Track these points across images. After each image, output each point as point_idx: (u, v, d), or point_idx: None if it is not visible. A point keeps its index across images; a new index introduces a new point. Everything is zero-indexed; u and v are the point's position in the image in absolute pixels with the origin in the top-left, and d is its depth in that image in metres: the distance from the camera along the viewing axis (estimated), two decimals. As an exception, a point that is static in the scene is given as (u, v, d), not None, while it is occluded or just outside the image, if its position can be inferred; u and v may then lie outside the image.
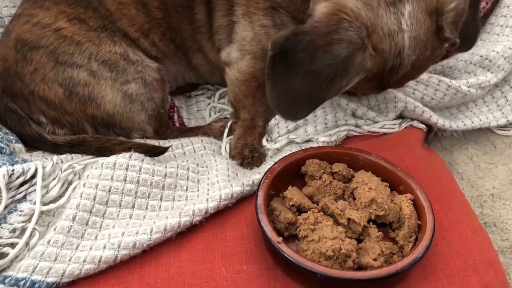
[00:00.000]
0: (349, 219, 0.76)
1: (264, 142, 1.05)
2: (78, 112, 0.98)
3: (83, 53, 0.95)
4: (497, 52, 1.12)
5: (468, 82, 1.11)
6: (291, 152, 0.91)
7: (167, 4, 1.00)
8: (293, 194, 0.82)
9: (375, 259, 0.71)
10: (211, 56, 1.07)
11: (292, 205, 0.80)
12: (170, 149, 0.98)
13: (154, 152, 0.95)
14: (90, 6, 0.98)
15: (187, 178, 0.90)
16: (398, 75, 0.82)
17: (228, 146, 1.05)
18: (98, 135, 1.00)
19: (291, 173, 0.87)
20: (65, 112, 0.98)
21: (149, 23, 1.03)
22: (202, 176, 0.92)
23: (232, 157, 1.01)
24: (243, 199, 0.87)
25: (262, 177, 0.83)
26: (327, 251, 0.69)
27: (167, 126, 1.09)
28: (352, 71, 0.77)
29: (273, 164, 0.86)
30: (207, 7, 0.99)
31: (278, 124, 1.06)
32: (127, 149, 0.91)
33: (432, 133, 1.16)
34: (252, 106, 1.04)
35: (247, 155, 1.00)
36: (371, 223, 0.79)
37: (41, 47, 0.94)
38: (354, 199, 0.82)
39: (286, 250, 0.69)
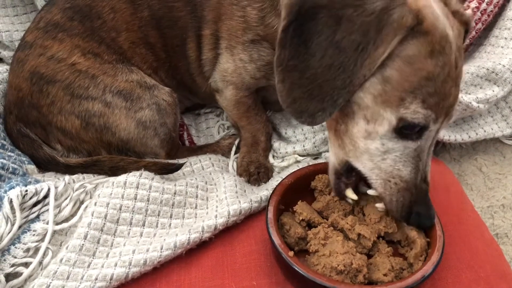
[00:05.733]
0: (359, 234, 0.76)
1: (271, 159, 1.07)
2: (94, 140, 1.00)
3: (98, 86, 0.97)
4: (503, 66, 1.12)
5: (477, 98, 1.11)
6: (300, 168, 0.92)
7: (167, 45, 1.04)
8: (303, 209, 0.82)
9: (385, 274, 0.71)
10: (204, 89, 1.10)
11: (302, 220, 0.81)
12: (177, 167, 1.00)
13: (169, 169, 0.97)
14: (103, 42, 1.01)
15: (196, 196, 0.91)
16: (455, 72, 0.66)
17: (235, 163, 1.07)
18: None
19: (300, 188, 0.87)
20: (82, 141, 1.01)
21: (156, 62, 1.07)
22: (210, 194, 0.93)
23: (239, 175, 1.03)
24: (252, 216, 0.87)
25: (272, 191, 0.83)
26: (338, 266, 0.70)
27: (178, 147, 1.11)
28: (390, 29, 0.62)
29: (283, 179, 0.86)
30: (197, 44, 1.02)
31: (285, 144, 1.07)
32: (141, 168, 0.93)
33: (440, 144, 1.16)
34: (249, 125, 1.06)
35: (253, 172, 1.01)
36: (380, 238, 0.79)
37: (57, 82, 0.97)
38: (364, 215, 0.82)
39: (298, 265, 0.69)
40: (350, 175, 0.80)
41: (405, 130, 0.70)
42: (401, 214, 0.75)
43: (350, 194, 0.81)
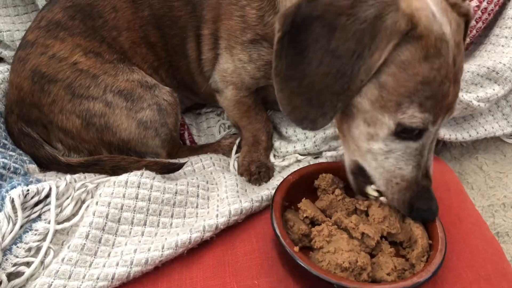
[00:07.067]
0: (363, 233, 0.76)
1: (272, 158, 1.07)
2: (95, 140, 1.01)
3: (99, 85, 0.98)
4: (504, 64, 1.12)
5: (478, 96, 1.11)
6: (305, 166, 0.92)
7: (167, 44, 1.05)
8: (307, 206, 0.82)
9: (388, 274, 0.72)
10: (204, 88, 1.10)
11: (306, 217, 0.81)
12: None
13: (170, 169, 0.97)
14: (104, 41, 1.02)
15: (197, 195, 0.91)
16: (454, 67, 0.66)
17: (236, 163, 1.07)
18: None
19: (304, 185, 0.88)
20: (82, 141, 1.01)
21: (157, 61, 1.07)
22: (211, 193, 0.93)
23: (240, 174, 1.03)
24: (253, 215, 0.87)
25: (277, 187, 0.83)
26: (343, 263, 0.70)
27: (179, 147, 1.11)
28: (383, 35, 0.62)
29: (288, 176, 0.87)
30: (197, 44, 1.02)
31: (285, 143, 1.07)
32: (142, 167, 0.93)
33: (440, 143, 1.16)
34: (250, 125, 1.06)
35: (254, 171, 1.01)
36: (383, 239, 0.79)
37: (58, 81, 0.97)
38: (367, 215, 0.82)
39: (303, 260, 0.70)
40: (364, 173, 0.80)
41: (403, 134, 0.71)
42: (403, 209, 0.77)
43: (371, 192, 0.81)
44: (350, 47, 0.63)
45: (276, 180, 0.95)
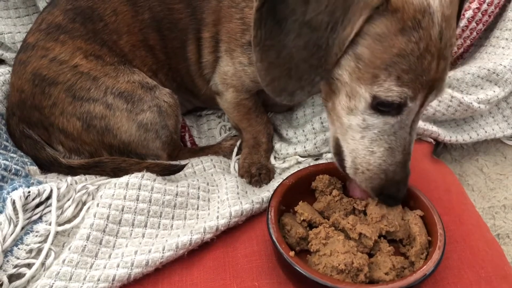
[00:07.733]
0: (360, 234, 0.76)
1: (272, 160, 1.07)
2: (96, 142, 1.01)
3: (99, 88, 0.98)
4: (504, 66, 1.13)
5: (478, 98, 1.11)
6: (301, 168, 0.92)
7: (167, 47, 1.05)
8: (304, 209, 0.82)
9: (386, 273, 0.72)
10: (204, 90, 1.11)
11: (303, 220, 0.81)
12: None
13: (171, 171, 0.97)
14: (105, 45, 1.02)
15: (198, 197, 0.91)
16: (440, 42, 0.65)
17: (237, 165, 1.07)
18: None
19: (301, 188, 0.88)
20: (83, 143, 1.01)
21: (156, 64, 1.08)
22: (212, 195, 0.93)
23: (241, 176, 1.03)
24: (253, 217, 0.88)
25: (273, 192, 0.83)
26: (339, 265, 0.70)
27: (180, 149, 1.12)
28: (355, 9, 0.63)
29: (284, 180, 0.87)
30: (197, 47, 1.02)
31: (286, 145, 1.08)
32: (143, 169, 0.93)
33: (440, 145, 1.16)
34: (250, 127, 1.07)
35: (255, 173, 1.02)
36: (382, 238, 0.79)
37: (59, 83, 0.97)
38: (365, 214, 0.82)
39: (299, 264, 0.70)
40: (342, 154, 0.81)
41: (381, 107, 0.70)
42: (371, 194, 0.79)
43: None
44: (324, 20, 0.64)
45: (276, 182, 0.95)
